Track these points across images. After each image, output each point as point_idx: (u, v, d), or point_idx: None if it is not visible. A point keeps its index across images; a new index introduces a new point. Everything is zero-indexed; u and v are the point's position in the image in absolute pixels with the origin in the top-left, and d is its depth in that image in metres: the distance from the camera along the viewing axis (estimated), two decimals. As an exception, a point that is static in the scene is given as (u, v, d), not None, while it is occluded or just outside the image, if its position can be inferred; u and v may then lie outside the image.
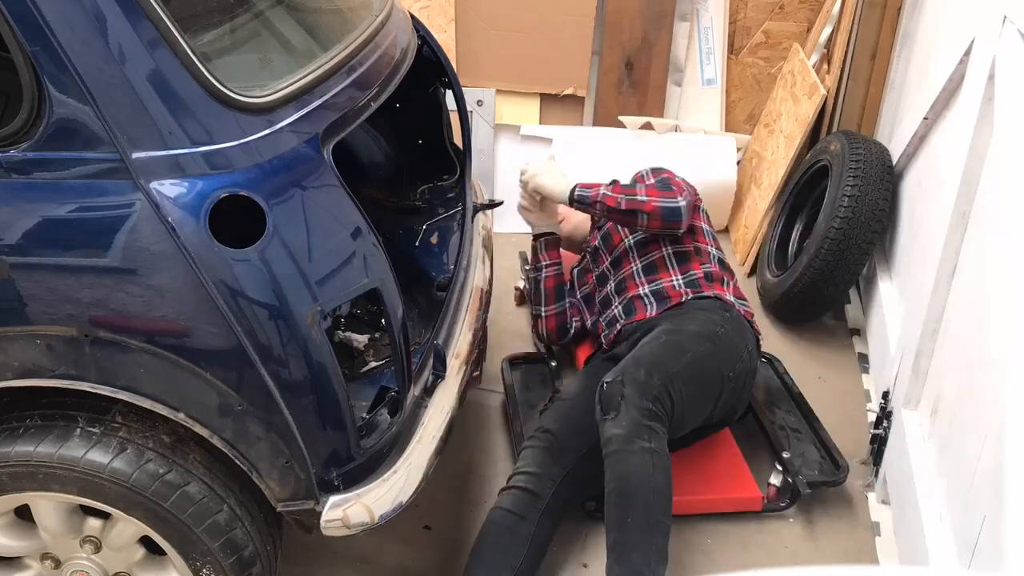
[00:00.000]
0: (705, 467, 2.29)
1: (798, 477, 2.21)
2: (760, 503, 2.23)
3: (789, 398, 2.57)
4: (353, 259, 1.49)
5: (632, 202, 2.24)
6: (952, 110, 2.43)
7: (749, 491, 2.25)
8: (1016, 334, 1.54)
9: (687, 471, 2.20)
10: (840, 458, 2.30)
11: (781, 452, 2.29)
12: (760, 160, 3.49)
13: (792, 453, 2.30)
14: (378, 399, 1.72)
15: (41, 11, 1.23)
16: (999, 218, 1.74)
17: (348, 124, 1.59)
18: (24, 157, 1.32)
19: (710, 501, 2.23)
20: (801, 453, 2.34)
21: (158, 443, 1.54)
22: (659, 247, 2.36)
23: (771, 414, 2.49)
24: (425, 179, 2.47)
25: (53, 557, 1.69)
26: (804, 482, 2.20)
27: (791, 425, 2.45)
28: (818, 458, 2.34)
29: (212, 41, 1.50)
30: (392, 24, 1.96)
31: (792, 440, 2.39)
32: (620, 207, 2.25)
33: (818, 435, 2.39)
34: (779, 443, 2.33)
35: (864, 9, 3.11)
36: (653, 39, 3.55)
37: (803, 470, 2.25)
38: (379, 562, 2.10)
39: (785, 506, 2.23)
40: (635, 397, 1.91)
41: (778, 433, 2.39)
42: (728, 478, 2.29)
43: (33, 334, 1.40)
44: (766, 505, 2.23)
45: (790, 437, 2.40)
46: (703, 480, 2.26)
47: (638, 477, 1.85)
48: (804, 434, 2.42)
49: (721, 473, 2.30)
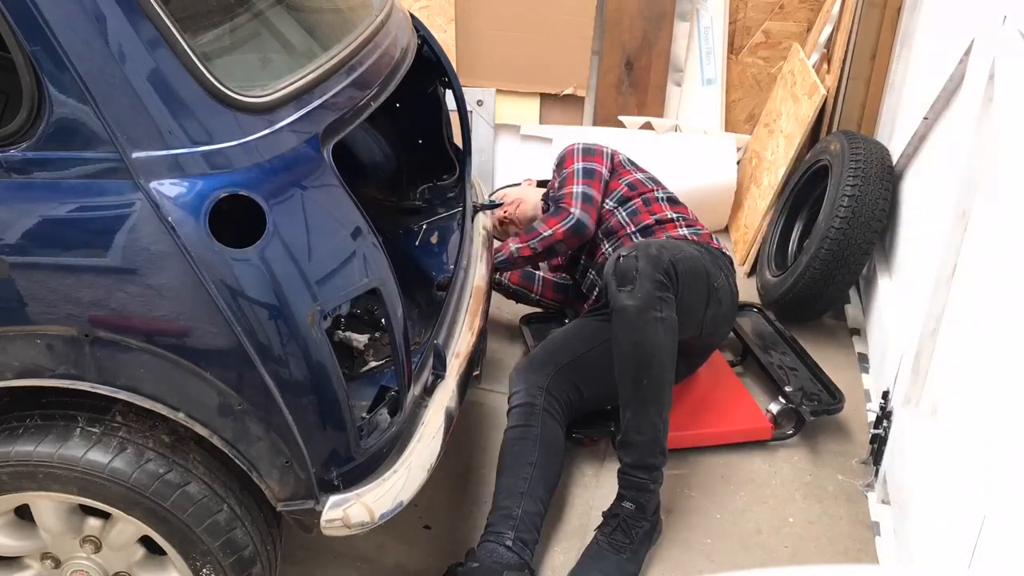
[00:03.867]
0: (713, 402, 2.54)
1: (801, 407, 2.42)
2: (770, 432, 2.45)
3: (783, 341, 2.80)
4: (353, 259, 1.49)
5: (543, 241, 2.52)
6: (952, 110, 2.43)
7: (758, 421, 2.46)
8: (1016, 334, 1.54)
9: (696, 406, 2.51)
10: (836, 390, 2.51)
11: (783, 386, 2.50)
12: (760, 160, 3.49)
13: (792, 387, 2.50)
14: (378, 399, 1.71)
15: (41, 11, 1.23)
16: (999, 218, 1.74)
17: (348, 124, 1.59)
18: (24, 157, 1.32)
19: (722, 433, 2.45)
20: (800, 388, 2.52)
21: (158, 443, 1.54)
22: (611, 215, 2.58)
23: (768, 355, 2.70)
24: (425, 179, 2.48)
25: (53, 557, 1.69)
26: (807, 411, 2.42)
27: (788, 364, 2.67)
28: (816, 390, 2.53)
29: (212, 41, 1.50)
30: (392, 24, 1.96)
31: (791, 376, 2.59)
32: (537, 251, 2.54)
33: (813, 372, 2.61)
34: (780, 379, 2.55)
35: (864, 9, 3.11)
36: (653, 39, 3.55)
37: (804, 401, 2.46)
38: (379, 562, 2.10)
39: (792, 433, 2.46)
40: (648, 269, 2.08)
41: (777, 371, 2.61)
42: (736, 410, 2.52)
43: (33, 334, 1.40)
44: (775, 434, 2.45)
45: (788, 375, 2.60)
46: (713, 414, 2.50)
47: (653, 344, 2.06)
48: (800, 371, 2.62)
49: (729, 406, 2.53)
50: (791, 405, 2.44)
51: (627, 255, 2.13)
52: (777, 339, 2.81)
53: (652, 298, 2.07)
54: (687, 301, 2.18)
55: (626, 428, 2.10)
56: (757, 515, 2.25)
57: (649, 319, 2.06)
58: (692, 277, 2.21)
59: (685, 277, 2.16)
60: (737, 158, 3.59)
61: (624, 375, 2.10)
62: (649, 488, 2.08)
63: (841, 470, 2.40)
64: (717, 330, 2.46)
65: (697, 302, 2.26)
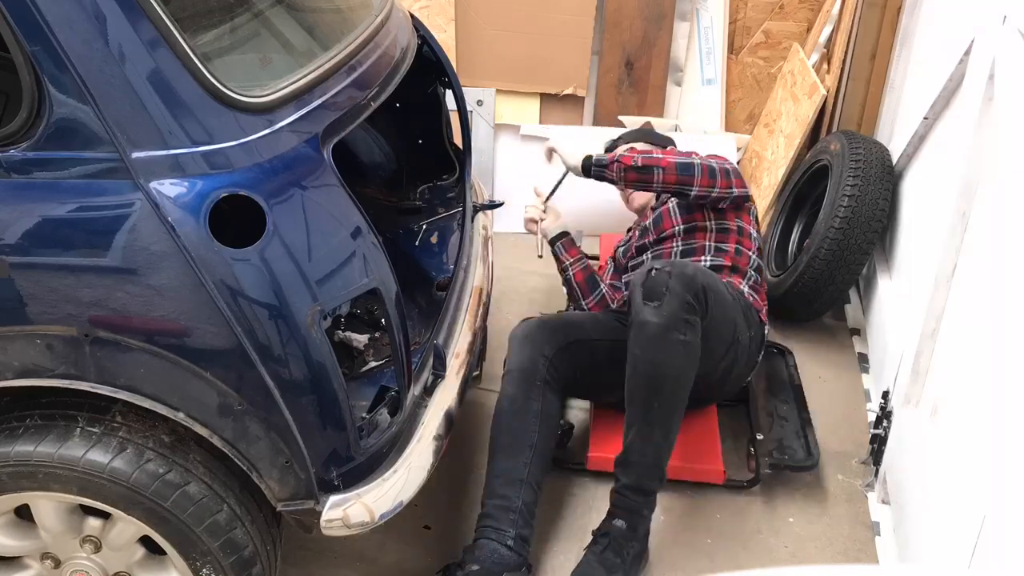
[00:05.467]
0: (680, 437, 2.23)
1: (764, 458, 2.29)
2: (722, 476, 2.30)
3: (790, 388, 2.62)
4: (353, 259, 1.49)
5: (648, 159, 2.29)
6: (952, 110, 2.43)
7: (712, 463, 2.32)
8: (1016, 334, 1.54)
9: None
10: (815, 448, 2.34)
11: (756, 433, 2.37)
12: (760, 160, 3.49)
13: (768, 437, 2.37)
14: (378, 399, 1.72)
15: (41, 11, 1.23)
16: (999, 218, 1.74)
17: (348, 124, 1.59)
18: (24, 157, 1.32)
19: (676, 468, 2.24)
20: (779, 439, 2.39)
21: (158, 443, 1.54)
22: (703, 236, 2.40)
23: (764, 399, 2.55)
24: (425, 179, 2.48)
25: (53, 557, 1.69)
26: (766, 462, 2.28)
27: (780, 413, 2.51)
28: (794, 446, 2.37)
29: (212, 41, 1.50)
30: (392, 24, 1.96)
31: (776, 426, 2.44)
32: (636, 163, 2.30)
33: (802, 427, 2.44)
34: (757, 425, 2.40)
35: (864, 9, 3.11)
36: (653, 39, 3.55)
37: (774, 453, 2.32)
38: (379, 562, 2.10)
39: (747, 484, 2.31)
40: (679, 288, 1.96)
41: (762, 417, 2.45)
42: (696, 447, 2.35)
43: (33, 334, 1.40)
44: (727, 480, 2.30)
45: (775, 424, 2.45)
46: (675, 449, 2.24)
47: (671, 367, 1.95)
48: (789, 423, 2.46)
49: (691, 441, 2.35)
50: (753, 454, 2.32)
51: (660, 268, 2.00)
52: (786, 386, 2.62)
53: (678, 319, 1.95)
54: (710, 335, 2.05)
55: (628, 447, 2.00)
56: (757, 515, 2.25)
57: (671, 340, 1.94)
58: (720, 314, 2.08)
59: (715, 309, 2.04)
60: (737, 158, 3.59)
61: (635, 393, 1.99)
62: (642, 512, 2.00)
63: (841, 470, 2.40)
64: (721, 387, 2.33)
65: (718, 343, 2.12)
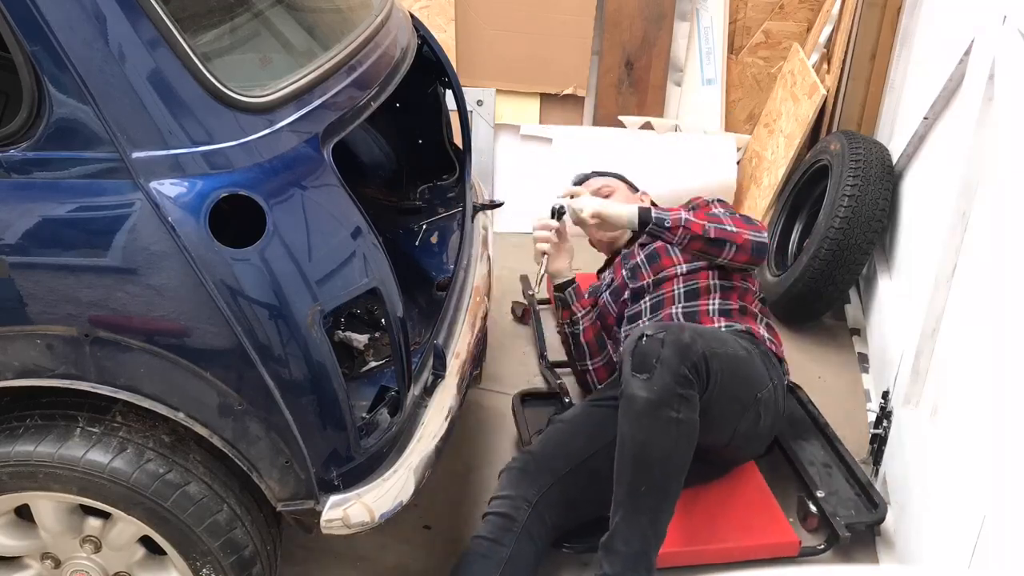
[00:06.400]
0: (735, 512, 2.12)
1: (836, 519, 2.07)
2: (797, 548, 2.05)
3: (815, 428, 2.41)
4: (353, 259, 1.49)
5: (721, 231, 2.13)
6: (952, 110, 2.43)
7: (783, 535, 2.07)
8: (1016, 334, 1.54)
9: (716, 517, 2.10)
10: (876, 495, 2.15)
11: (815, 491, 2.15)
12: (760, 160, 3.49)
13: (826, 491, 2.16)
14: (378, 399, 1.71)
15: (41, 11, 1.23)
16: (999, 218, 1.74)
17: (348, 124, 1.59)
18: (24, 157, 1.32)
19: (740, 549, 2.05)
20: (835, 491, 2.19)
21: (158, 443, 1.54)
22: (706, 275, 2.24)
23: (798, 448, 2.33)
24: (425, 179, 2.47)
25: (53, 557, 1.68)
26: (843, 524, 2.05)
27: (820, 460, 2.30)
28: (852, 495, 2.18)
29: (212, 41, 1.50)
30: (392, 24, 1.96)
31: (823, 476, 2.24)
32: (708, 235, 2.13)
33: (850, 469, 2.24)
34: (812, 481, 2.19)
35: (864, 9, 3.11)
36: (653, 39, 3.55)
37: (840, 510, 2.11)
38: (379, 562, 2.10)
39: (823, 548, 2.06)
40: (673, 361, 1.78)
41: (808, 469, 2.24)
42: (761, 523, 2.10)
43: (33, 334, 1.40)
44: (803, 549, 2.05)
45: (820, 473, 2.24)
46: (736, 526, 2.09)
47: (660, 448, 1.77)
48: (835, 468, 2.27)
49: (754, 517, 2.11)
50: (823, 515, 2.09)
51: (652, 335, 1.81)
52: (810, 426, 2.41)
53: (670, 393, 1.77)
54: (719, 404, 1.90)
55: (613, 532, 1.79)
56: (757, 515, 2.25)
57: (662, 417, 1.76)
58: (730, 377, 1.90)
59: (720, 376, 1.86)
60: (737, 158, 3.60)
61: (621, 473, 1.81)
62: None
63: (841, 470, 2.39)
64: (748, 446, 2.15)
65: (731, 408, 1.97)
